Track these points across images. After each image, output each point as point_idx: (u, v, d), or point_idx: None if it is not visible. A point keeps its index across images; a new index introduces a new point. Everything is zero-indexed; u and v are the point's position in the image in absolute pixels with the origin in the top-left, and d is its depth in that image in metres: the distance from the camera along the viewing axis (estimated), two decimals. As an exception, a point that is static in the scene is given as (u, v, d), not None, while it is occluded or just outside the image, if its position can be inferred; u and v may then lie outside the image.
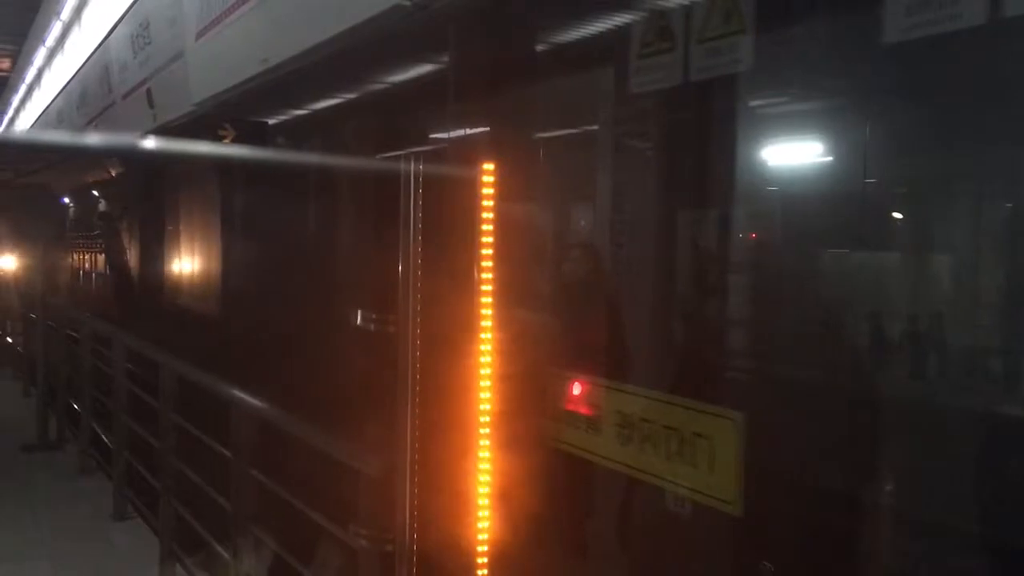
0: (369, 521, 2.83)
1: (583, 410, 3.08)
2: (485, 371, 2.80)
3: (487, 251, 2.84)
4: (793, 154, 3.23)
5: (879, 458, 2.57)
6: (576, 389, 3.13)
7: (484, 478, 2.79)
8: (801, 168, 3.14)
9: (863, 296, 2.96)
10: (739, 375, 3.08)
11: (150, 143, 2.47)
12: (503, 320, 2.79)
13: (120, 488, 5.66)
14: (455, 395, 2.82)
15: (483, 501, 2.79)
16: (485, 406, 2.80)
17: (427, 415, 2.74)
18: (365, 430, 3.13)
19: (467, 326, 2.74)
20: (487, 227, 2.84)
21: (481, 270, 2.82)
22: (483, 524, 2.80)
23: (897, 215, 3.08)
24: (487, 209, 2.85)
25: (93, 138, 4.93)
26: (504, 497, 2.79)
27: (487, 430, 2.81)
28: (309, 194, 6.55)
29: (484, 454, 2.80)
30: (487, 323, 2.80)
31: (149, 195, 11.35)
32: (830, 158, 3.05)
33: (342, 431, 3.24)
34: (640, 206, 3.46)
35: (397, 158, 2.94)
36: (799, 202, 3.19)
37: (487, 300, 2.80)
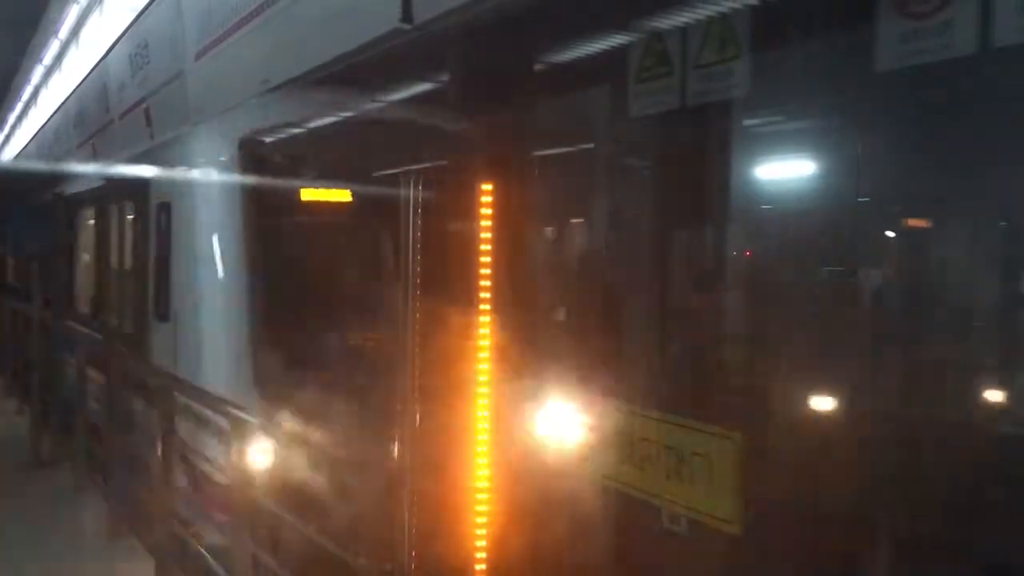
0: (368, 541, 2.83)
1: (580, 429, 3.08)
2: (483, 390, 2.81)
3: (486, 270, 2.87)
4: (785, 173, 3.27)
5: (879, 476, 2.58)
6: (573, 407, 3.14)
7: (482, 496, 2.80)
8: (800, 185, 3.17)
9: (854, 311, 2.98)
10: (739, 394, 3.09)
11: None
12: (502, 340, 2.81)
13: (114, 507, 5.63)
14: (454, 414, 2.83)
15: (481, 520, 2.80)
16: (483, 425, 2.81)
17: (426, 434, 2.75)
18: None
19: (466, 345, 2.76)
20: (486, 247, 2.87)
21: (480, 289, 2.84)
22: (480, 543, 2.80)
23: (889, 233, 3.12)
24: (485, 229, 2.88)
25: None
26: (501, 515, 2.80)
27: (484, 448, 2.83)
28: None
29: (482, 472, 2.81)
30: (486, 342, 2.82)
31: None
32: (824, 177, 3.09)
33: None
34: (636, 224, 3.49)
35: (396, 176, 2.97)
36: (793, 220, 3.22)
37: (486, 319, 2.82)
